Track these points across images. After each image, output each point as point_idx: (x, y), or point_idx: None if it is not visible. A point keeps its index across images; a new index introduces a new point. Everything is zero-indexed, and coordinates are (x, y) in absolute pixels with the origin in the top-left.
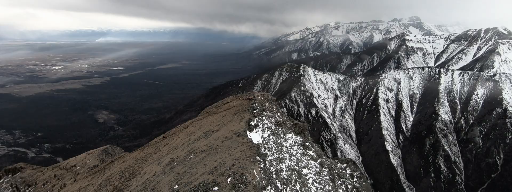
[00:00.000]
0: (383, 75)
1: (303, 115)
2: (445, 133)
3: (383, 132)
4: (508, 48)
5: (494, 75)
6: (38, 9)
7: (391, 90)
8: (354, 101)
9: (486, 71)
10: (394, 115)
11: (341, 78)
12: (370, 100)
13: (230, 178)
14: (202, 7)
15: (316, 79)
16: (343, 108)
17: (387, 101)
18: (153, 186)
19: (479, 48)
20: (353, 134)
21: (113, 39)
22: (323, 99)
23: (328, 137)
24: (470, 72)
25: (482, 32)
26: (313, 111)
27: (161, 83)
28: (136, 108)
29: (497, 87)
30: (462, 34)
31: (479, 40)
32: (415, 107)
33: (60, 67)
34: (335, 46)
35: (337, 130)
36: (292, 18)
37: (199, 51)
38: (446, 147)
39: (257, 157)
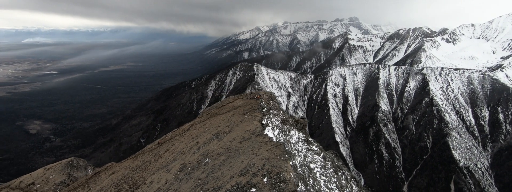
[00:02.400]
0: (330, 71)
1: None
2: (385, 123)
3: (333, 125)
4: (431, 45)
5: (422, 69)
6: None
7: (338, 85)
8: (306, 97)
9: (415, 66)
10: (341, 109)
11: (293, 75)
12: (320, 95)
13: (265, 178)
14: (147, 5)
15: (270, 77)
16: (296, 105)
17: (335, 96)
18: None
19: (408, 46)
20: (306, 129)
21: (43, 39)
22: (276, 97)
23: None
24: (403, 67)
25: (411, 31)
26: None
27: (104, 87)
28: (75, 116)
29: (425, 79)
30: (395, 33)
31: (409, 38)
32: (359, 100)
33: None
34: (284, 45)
35: None
36: (241, 17)
37: (145, 52)
38: (386, 135)
39: (286, 155)
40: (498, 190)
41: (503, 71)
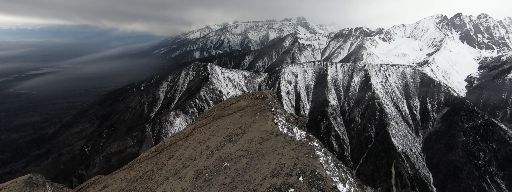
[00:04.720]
0: (283, 69)
1: None
2: (334, 116)
3: None
4: (371, 43)
5: (364, 65)
6: None
7: (290, 83)
8: None
9: (358, 63)
10: (294, 105)
11: (247, 74)
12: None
13: (301, 177)
14: (84, 1)
15: (224, 77)
16: None
17: (288, 93)
18: None
19: (351, 44)
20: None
21: None
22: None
23: None
24: (348, 64)
25: (353, 30)
26: None
27: (35, 92)
28: (1, 126)
29: (367, 75)
30: (339, 32)
31: (351, 37)
32: (310, 96)
33: None
34: (236, 44)
35: None
36: (191, 16)
37: (84, 53)
38: (336, 128)
39: (314, 153)
40: (429, 170)
41: (429, 66)
